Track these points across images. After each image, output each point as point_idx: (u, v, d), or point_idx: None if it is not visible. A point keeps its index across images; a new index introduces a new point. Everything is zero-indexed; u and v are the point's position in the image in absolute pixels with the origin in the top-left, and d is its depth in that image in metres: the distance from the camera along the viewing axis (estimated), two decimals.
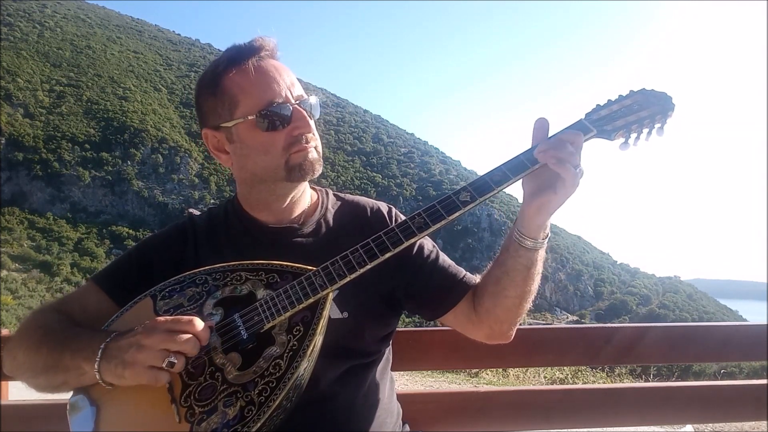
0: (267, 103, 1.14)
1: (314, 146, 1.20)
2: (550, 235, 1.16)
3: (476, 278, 1.29)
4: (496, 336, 1.27)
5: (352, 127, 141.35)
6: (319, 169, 1.21)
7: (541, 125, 1.10)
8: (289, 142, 1.16)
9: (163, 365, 0.94)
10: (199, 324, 0.98)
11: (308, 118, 1.18)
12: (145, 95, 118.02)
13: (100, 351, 0.98)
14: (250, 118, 1.14)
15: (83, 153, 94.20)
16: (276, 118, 1.14)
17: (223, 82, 1.16)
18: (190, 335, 0.96)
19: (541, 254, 1.15)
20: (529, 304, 1.22)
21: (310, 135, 1.18)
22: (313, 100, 1.21)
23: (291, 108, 1.16)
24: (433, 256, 1.30)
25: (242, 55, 1.16)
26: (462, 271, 1.31)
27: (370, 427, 1.22)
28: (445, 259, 1.32)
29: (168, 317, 1.00)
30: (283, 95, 1.15)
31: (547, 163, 1.04)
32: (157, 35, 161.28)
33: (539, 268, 1.17)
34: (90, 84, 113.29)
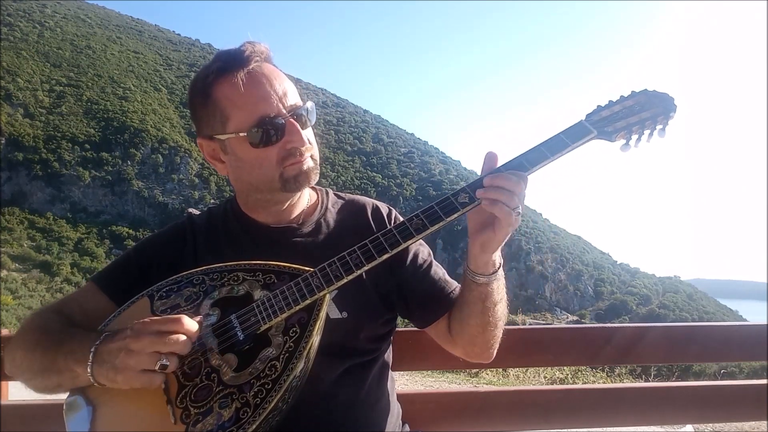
0: (258, 118, 1.11)
1: (309, 156, 1.18)
2: (501, 266, 1.15)
3: None
4: (471, 356, 1.27)
5: (352, 127, 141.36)
6: (315, 178, 1.19)
7: (490, 159, 1.08)
8: (282, 155, 1.14)
9: (156, 368, 0.94)
10: (188, 322, 0.97)
11: (301, 130, 1.15)
12: (145, 95, 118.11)
13: (92, 354, 0.97)
14: (242, 134, 1.12)
15: (83, 153, 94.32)
16: (270, 129, 1.11)
17: (214, 93, 1.13)
18: (180, 334, 0.95)
19: (496, 285, 1.14)
20: (496, 332, 1.21)
21: (304, 147, 1.16)
22: (309, 105, 1.19)
23: (284, 121, 1.13)
24: (425, 265, 1.29)
25: (232, 65, 1.12)
26: (452, 286, 1.29)
27: (369, 426, 1.22)
28: (437, 270, 1.30)
29: (156, 317, 0.98)
30: (275, 107, 1.12)
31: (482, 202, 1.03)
32: (157, 35, 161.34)
33: (497, 298, 1.16)
34: (90, 84, 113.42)
